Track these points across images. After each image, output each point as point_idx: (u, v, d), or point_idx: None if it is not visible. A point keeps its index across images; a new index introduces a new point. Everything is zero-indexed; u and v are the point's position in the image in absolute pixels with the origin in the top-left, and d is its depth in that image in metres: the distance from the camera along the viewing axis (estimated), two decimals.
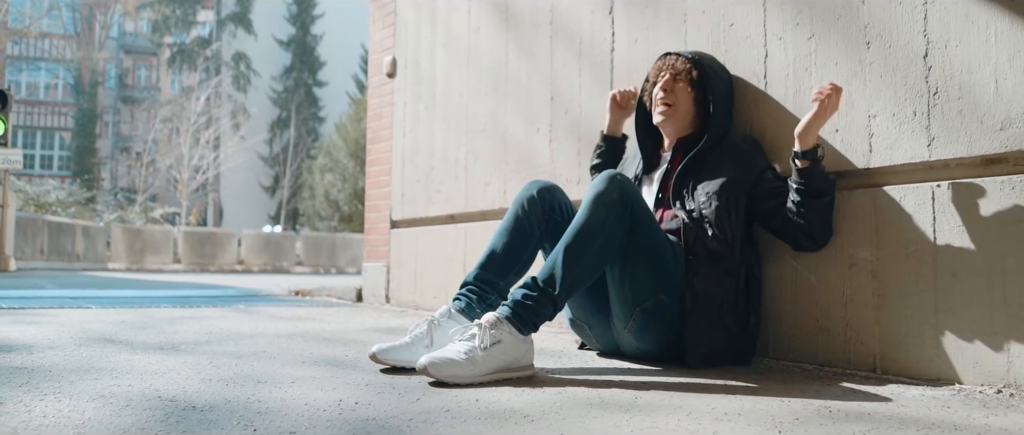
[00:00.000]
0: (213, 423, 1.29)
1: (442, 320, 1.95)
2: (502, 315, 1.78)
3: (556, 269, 1.83)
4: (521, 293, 1.82)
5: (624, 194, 1.88)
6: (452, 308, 1.99)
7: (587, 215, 1.86)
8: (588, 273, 1.87)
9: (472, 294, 2.02)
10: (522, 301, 1.80)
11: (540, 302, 1.81)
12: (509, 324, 1.76)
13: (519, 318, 1.78)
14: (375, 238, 4.53)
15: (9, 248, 10.86)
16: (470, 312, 1.99)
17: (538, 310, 1.81)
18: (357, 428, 1.27)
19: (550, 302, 1.82)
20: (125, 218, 20.00)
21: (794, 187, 1.99)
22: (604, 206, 1.86)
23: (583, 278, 1.87)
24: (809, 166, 1.95)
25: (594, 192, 1.88)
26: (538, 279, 1.83)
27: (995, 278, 1.73)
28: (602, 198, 1.87)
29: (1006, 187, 1.72)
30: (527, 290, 1.82)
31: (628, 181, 1.92)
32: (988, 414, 1.48)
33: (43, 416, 1.31)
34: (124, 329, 2.74)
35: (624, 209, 1.88)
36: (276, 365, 1.95)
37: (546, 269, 1.85)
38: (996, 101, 1.75)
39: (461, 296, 2.03)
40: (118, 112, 33.06)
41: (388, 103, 4.45)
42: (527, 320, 1.79)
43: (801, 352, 2.11)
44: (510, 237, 2.08)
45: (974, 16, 1.79)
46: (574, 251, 1.83)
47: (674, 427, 1.33)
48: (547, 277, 1.83)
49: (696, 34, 2.48)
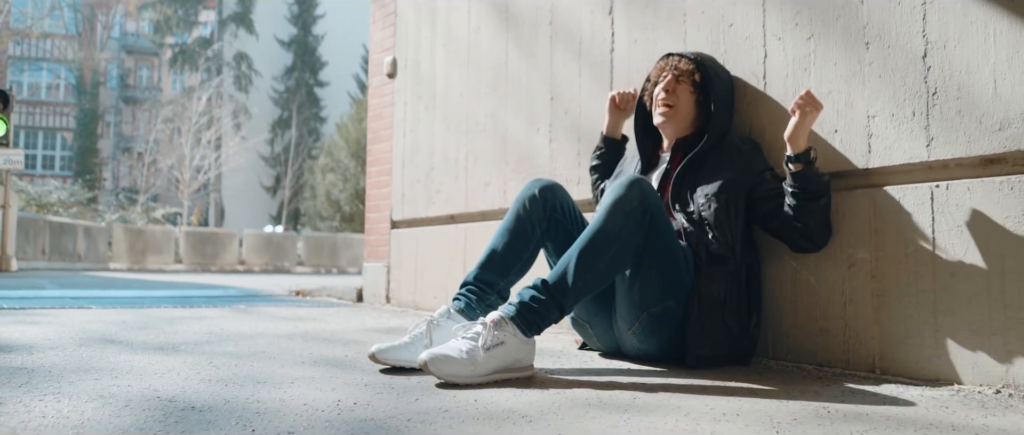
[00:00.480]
0: (212, 423, 1.29)
1: (442, 320, 1.95)
2: (507, 315, 1.77)
3: (568, 274, 1.81)
4: (529, 295, 1.81)
5: (644, 201, 1.86)
6: (451, 308, 1.99)
7: (604, 221, 1.84)
8: (599, 280, 1.86)
9: (472, 294, 2.02)
10: (529, 303, 1.79)
11: (547, 306, 1.80)
12: (513, 325, 1.76)
13: (524, 320, 1.77)
14: (375, 238, 4.54)
15: (11, 248, 10.88)
16: (470, 312, 1.99)
17: (544, 313, 1.79)
18: (355, 428, 1.28)
19: (557, 306, 1.80)
20: (127, 218, 20.02)
21: (789, 190, 1.99)
22: (623, 213, 1.84)
23: (594, 284, 1.86)
24: (802, 169, 1.95)
25: (614, 197, 1.86)
26: (548, 282, 1.82)
27: (994, 279, 1.73)
28: (621, 204, 1.84)
29: (1005, 187, 1.72)
30: (536, 292, 1.81)
31: (650, 188, 1.90)
32: (986, 414, 1.48)
33: (42, 416, 1.31)
34: (124, 329, 2.74)
35: (643, 217, 1.86)
36: (275, 365, 1.95)
37: (557, 272, 1.83)
38: (995, 101, 1.75)
39: (461, 296, 2.03)
40: (120, 112, 33.09)
41: (388, 103, 4.45)
42: (532, 322, 1.78)
43: (800, 352, 2.11)
44: (511, 237, 2.08)
45: (973, 16, 1.79)
46: (588, 257, 1.81)
47: (672, 427, 1.33)
48: (557, 281, 1.81)
49: (696, 34, 2.48)
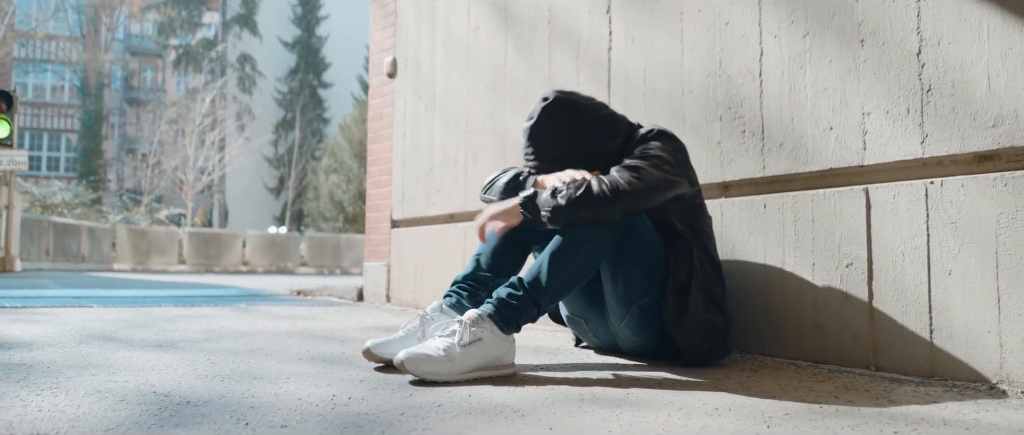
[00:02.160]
0: (206, 417, 1.30)
1: (434, 315, 1.96)
2: (484, 313, 1.78)
3: (541, 273, 1.83)
4: (506, 292, 1.82)
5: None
6: (443, 304, 2.00)
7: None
8: (575, 279, 1.87)
9: (463, 291, 2.03)
10: (506, 300, 1.80)
11: (524, 302, 1.80)
12: (491, 322, 1.76)
13: (501, 317, 1.78)
14: (376, 238, 4.55)
15: (15, 249, 10.92)
16: (461, 308, 1.99)
17: (521, 310, 1.80)
18: (348, 422, 1.29)
19: (534, 304, 1.81)
20: (130, 219, 20.07)
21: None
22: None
23: (570, 283, 1.87)
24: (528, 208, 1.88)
25: None
26: (524, 280, 1.83)
27: (988, 275, 1.73)
28: None
29: (999, 183, 1.73)
30: (512, 289, 1.82)
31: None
32: (979, 410, 1.48)
33: (38, 410, 1.32)
34: (124, 327, 2.76)
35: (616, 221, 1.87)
36: (272, 362, 1.96)
37: (532, 271, 1.85)
38: (988, 98, 1.75)
39: (452, 292, 2.04)
40: (124, 114, 33.16)
41: (389, 103, 4.47)
42: (509, 319, 1.79)
43: (796, 349, 2.12)
44: (502, 239, 2.09)
45: (967, 13, 1.80)
46: (560, 257, 1.83)
47: (663, 422, 1.33)
48: (533, 279, 1.83)
49: (692, 33, 2.49)
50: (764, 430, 1.28)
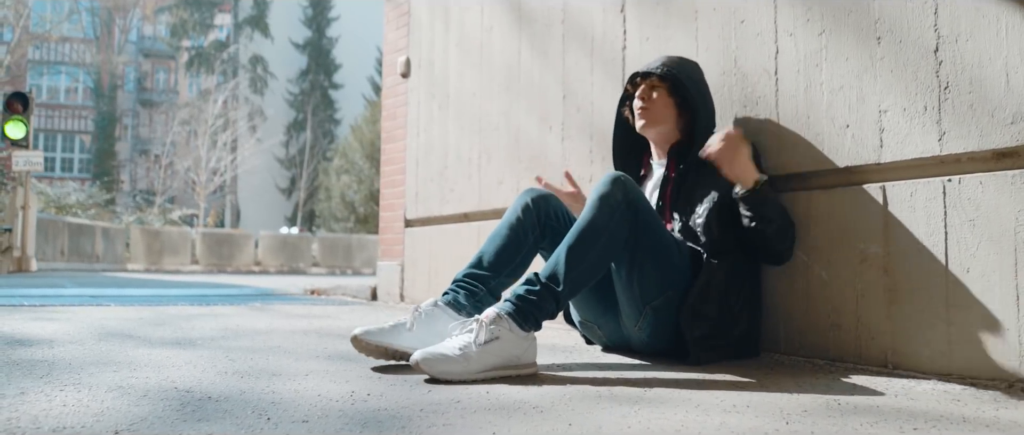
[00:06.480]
0: (228, 412, 1.31)
1: (428, 309, 1.94)
2: (503, 311, 1.76)
3: (559, 266, 1.82)
4: (524, 288, 1.81)
5: (628, 195, 1.89)
6: (439, 301, 1.99)
7: (592, 214, 1.87)
8: (591, 271, 1.87)
9: (461, 289, 2.03)
10: (524, 296, 1.79)
11: (542, 297, 1.79)
12: (510, 320, 1.74)
13: (520, 313, 1.76)
14: (389, 237, 4.57)
15: (30, 249, 11.02)
16: (457, 306, 1.98)
17: (540, 305, 1.79)
18: (368, 418, 1.30)
19: (553, 297, 1.80)
20: (144, 220, 20.23)
21: (742, 211, 2.01)
22: (609, 207, 1.87)
23: (586, 276, 1.87)
24: (747, 197, 1.99)
25: (598, 192, 1.89)
26: (541, 275, 1.83)
27: (1007, 272, 1.72)
28: (606, 199, 1.87)
29: (1017, 181, 1.72)
30: (529, 285, 1.81)
31: (632, 183, 1.92)
32: (998, 408, 1.48)
33: (63, 405, 1.34)
34: (142, 325, 2.78)
35: (628, 210, 1.88)
36: (290, 359, 1.98)
37: (549, 266, 1.85)
38: (1007, 95, 1.74)
39: (449, 290, 2.04)
40: (137, 115, 33.41)
41: (402, 103, 4.48)
42: (529, 315, 1.77)
43: (812, 347, 2.11)
44: (503, 241, 2.09)
45: (984, 10, 1.79)
46: (578, 249, 1.83)
47: (682, 419, 1.34)
48: (550, 273, 1.83)
49: (707, 32, 2.49)
50: (783, 426, 1.28)
